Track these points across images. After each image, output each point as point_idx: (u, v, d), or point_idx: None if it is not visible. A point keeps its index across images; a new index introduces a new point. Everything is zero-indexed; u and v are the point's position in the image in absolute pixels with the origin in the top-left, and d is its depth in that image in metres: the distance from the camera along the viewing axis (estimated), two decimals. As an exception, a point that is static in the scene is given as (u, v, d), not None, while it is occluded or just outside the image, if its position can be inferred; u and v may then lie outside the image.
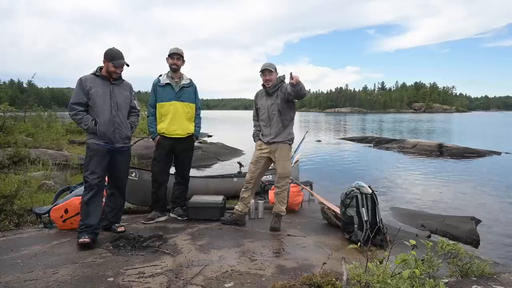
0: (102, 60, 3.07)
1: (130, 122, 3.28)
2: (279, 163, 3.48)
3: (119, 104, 3.12)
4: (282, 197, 3.55)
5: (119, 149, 3.15)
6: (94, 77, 3.06)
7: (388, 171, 9.46)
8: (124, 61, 3.08)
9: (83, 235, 2.86)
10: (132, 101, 3.32)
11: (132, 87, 3.36)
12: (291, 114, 3.54)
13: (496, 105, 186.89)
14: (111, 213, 3.28)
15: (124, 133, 3.16)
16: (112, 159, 3.14)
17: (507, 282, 1.92)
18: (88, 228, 2.92)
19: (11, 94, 22.29)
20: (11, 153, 6.26)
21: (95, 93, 3.01)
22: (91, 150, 3.03)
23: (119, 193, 3.32)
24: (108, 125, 3.03)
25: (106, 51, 3.05)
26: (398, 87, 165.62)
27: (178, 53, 3.66)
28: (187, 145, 3.83)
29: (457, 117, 70.56)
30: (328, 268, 2.49)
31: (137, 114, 3.39)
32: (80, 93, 2.99)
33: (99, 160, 3.03)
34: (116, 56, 3.04)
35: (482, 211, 5.57)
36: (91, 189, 2.98)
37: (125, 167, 3.30)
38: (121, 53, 3.07)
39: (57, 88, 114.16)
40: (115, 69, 3.05)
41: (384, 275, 1.69)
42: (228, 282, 2.27)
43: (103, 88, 3.05)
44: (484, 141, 16.90)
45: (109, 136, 3.04)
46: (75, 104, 2.99)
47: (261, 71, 3.44)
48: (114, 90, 3.11)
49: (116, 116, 3.09)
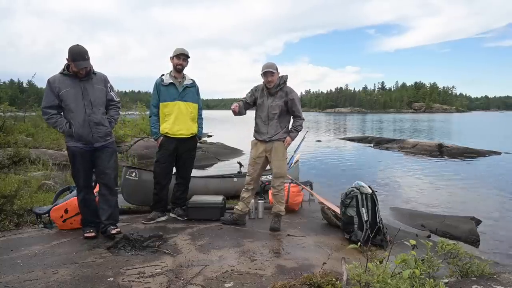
0: (66, 58, 2.85)
1: (109, 117, 3.12)
2: (274, 163, 3.48)
3: (93, 102, 2.94)
4: (280, 197, 3.56)
5: (100, 148, 3.03)
6: (63, 77, 2.89)
7: (388, 171, 9.45)
8: (86, 63, 2.83)
9: (87, 229, 3.10)
10: (109, 94, 3.12)
11: (107, 78, 3.13)
12: (290, 116, 3.55)
13: (496, 105, 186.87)
14: (104, 214, 3.11)
15: (103, 131, 3.01)
16: (95, 159, 3.05)
17: (507, 282, 1.92)
18: (91, 222, 3.15)
19: (11, 94, 22.28)
20: (11, 153, 6.26)
21: (66, 94, 2.85)
22: (70, 152, 2.99)
23: (108, 191, 3.14)
24: (83, 126, 2.90)
25: (69, 49, 2.82)
26: (398, 87, 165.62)
27: (185, 54, 3.62)
28: (190, 146, 3.80)
29: (457, 117, 70.54)
30: (328, 268, 2.49)
31: (116, 107, 3.21)
32: (50, 96, 2.85)
33: (81, 162, 3.00)
34: (78, 56, 2.80)
35: (482, 211, 5.56)
36: (81, 190, 3.12)
37: (110, 165, 3.12)
38: (84, 52, 2.82)
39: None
40: (77, 69, 2.84)
41: (384, 275, 1.69)
42: (228, 282, 2.27)
43: (73, 88, 2.88)
44: (484, 141, 16.88)
45: (86, 137, 2.93)
46: (47, 108, 2.88)
47: (262, 72, 3.39)
48: (86, 87, 2.93)
49: (92, 115, 2.93)
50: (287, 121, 3.54)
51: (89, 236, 3.05)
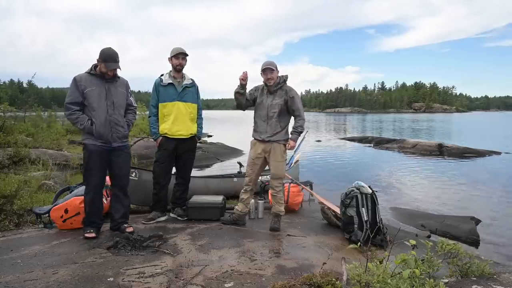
0: (96, 58, 3.01)
1: (127, 120, 3.25)
2: (272, 164, 3.48)
3: (115, 103, 3.07)
4: (279, 198, 3.56)
5: (117, 149, 3.12)
6: (89, 76, 3.00)
7: (388, 171, 9.45)
8: (116, 65, 3.00)
9: (88, 229, 3.08)
10: (129, 99, 3.27)
11: (128, 84, 3.31)
12: (290, 117, 3.55)
13: (496, 105, 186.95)
14: (118, 213, 3.22)
15: (121, 132, 3.13)
16: (111, 159, 3.12)
17: (507, 282, 1.92)
18: (92, 223, 3.12)
19: (11, 94, 22.26)
20: (11, 153, 6.26)
21: (90, 92, 2.96)
22: (88, 150, 3.01)
23: (122, 193, 3.26)
24: (104, 125, 3.00)
25: (101, 51, 2.99)
26: (398, 87, 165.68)
27: (184, 53, 3.62)
28: (190, 146, 3.80)
29: (457, 117, 70.54)
30: (328, 268, 2.49)
31: (134, 112, 3.36)
32: (75, 93, 2.95)
33: (97, 160, 3.03)
34: (109, 58, 2.96)
35: (482, 211, 5.56)
36: (91, 189, 3.07)
37: (125, 166, 3.26)
38: (115, 55, 2.99)
39: (57, 88, 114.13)
40: (106, 70, 2.98)
41: (384, 275, 1.69)
42: (228, 282, 2.27)
43: (98, 87, 3.00)
44: (484, 141, 16.88)
45: (106, 136, 3.01)
46: (70, 104, 2.96)
47: (262, 70, 3.40)
48: (110, 88, 3.06)
49: (113, 115, 3.05)
50: (287, 121, 3.53)
51: (89, 236, 3.03)
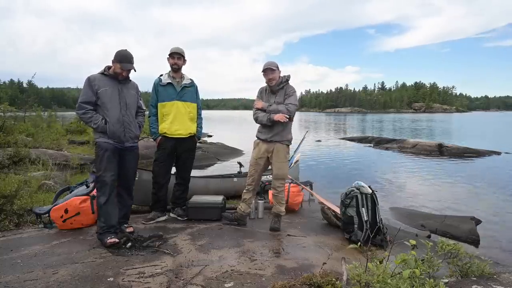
0: (112, 59, 3.06)
1: (138, 122, 3.29)
2: (275, 164, 3.48)
3: (127, 104, 3.12)
4: (280, 198, 3.57)
5: (129, 149, 3.14)
6: (102, 76, 3.05)
7: (388, 171, 9.45)
8: (131, 66, 3.06)
9: (109, 236, 2.91)
10: (139, 101, 3.31)
11: (138, 87, 3.34)
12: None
13: (496, 105, 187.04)
14: (119, 213, 3.18)
15: (133, 132, 3.16)
16: (121, 159, 3.12)
17: (507, 282, 1.91)
18: (111, 228, 2.98)
19: (11, 94, 22.25)
20: (11, 153, 6.25)
21: (103, 92, 2.99)
22: (102, 148, 3.00)
23: (127, 193, 3.26)
24: (117, 124, 3.03)
25: (117, 52, 3.04)
26: (398, 87, 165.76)
27: (179, 53, 3.64)
28: (189, 146, 3.81)
29: (457, 117, 70.57)
30: (328, 268, 2.49)
31: (143, 114, 3.39)
32: (89, 92, 2.97)
33: (111, 158, 3.01)
34: (124, 59, 3.02)
35: (482, 211, 5.56)
36: (107, 189, 2.97)
37: (133, 166, 3.27)
38: (130, 56, 3.06)
39: (57, 88, 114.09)
40: (121, 71, 3.04)
41: (384, 275, 1.69)
42: (228, 282, 2.27)
43: (111, 88, 3.04)
44: (484, 141, 16.89)
45: (119, 135, 3.03)
46: (84, 103, 2.97)
47: (263, 70, 3.43)
48: (123, 89, 3.10)
49: (125, 116, 3.08)
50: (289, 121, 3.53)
51: (113, 242, 2.86)
